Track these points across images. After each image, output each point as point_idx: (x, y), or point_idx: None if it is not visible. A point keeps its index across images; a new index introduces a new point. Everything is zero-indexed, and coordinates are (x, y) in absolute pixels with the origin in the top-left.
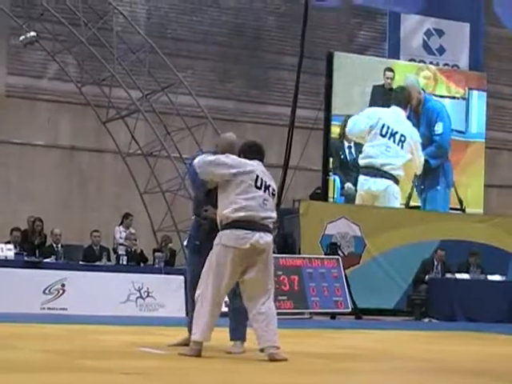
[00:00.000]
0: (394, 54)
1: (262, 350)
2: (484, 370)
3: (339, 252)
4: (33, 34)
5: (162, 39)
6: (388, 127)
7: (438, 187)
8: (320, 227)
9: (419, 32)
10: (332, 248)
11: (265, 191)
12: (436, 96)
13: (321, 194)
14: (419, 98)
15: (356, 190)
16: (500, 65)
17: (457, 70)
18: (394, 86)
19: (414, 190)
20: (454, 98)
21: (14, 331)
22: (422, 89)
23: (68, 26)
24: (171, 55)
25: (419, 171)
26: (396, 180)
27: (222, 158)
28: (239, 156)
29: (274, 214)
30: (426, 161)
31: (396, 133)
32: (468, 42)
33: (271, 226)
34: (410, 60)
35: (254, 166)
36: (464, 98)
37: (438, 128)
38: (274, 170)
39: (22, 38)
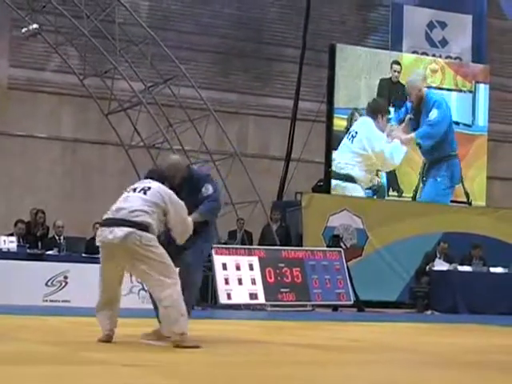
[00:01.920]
0: (397, 46)
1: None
2: (487, 362)
3: (341, 244)
4: (35, 26)
5: (164, 31)
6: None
7: (438, 179)
8: (322, 219)
9: (422, 24)
10: (334, 240)
11: (129, 192)
12: (443, 89)
13: (323, 187)
14: (419, 96)
15: None
16: (503, 57)
17: (463, 63)
18: (401, 79)
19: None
20: (460, 91)
21: (17, 323)
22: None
23: (70, 19)
24: (173, 47)
25: (380, 167)
26: (350, 178)
27: None
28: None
29: (132, 205)
30: (418, 144)
31: (352, 131)
32: (471, 34)
33: (135, 219)
34: (413, 52)
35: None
36: (471, 91)
37: (433, 114)
38: (277, 162)
39: (24, 30)
